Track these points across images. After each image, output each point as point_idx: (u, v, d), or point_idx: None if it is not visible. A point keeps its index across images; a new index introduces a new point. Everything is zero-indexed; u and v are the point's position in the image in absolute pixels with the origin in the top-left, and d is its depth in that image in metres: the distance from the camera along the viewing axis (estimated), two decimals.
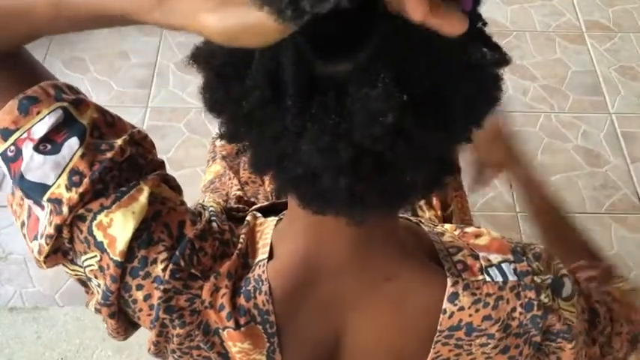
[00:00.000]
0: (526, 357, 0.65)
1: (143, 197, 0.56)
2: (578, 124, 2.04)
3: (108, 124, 0.57)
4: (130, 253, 0.56)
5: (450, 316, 0.60)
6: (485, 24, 0.48)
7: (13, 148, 0.54)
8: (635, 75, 2.19)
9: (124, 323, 0.63)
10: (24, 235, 0.59)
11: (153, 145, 0.61)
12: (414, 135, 0.44)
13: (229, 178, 1.12)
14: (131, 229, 0.56)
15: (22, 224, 0.59)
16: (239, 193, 1.08)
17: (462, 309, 0.60)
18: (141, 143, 0.59)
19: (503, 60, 0.47)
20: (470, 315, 0.60)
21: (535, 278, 0.61)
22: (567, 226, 0.94)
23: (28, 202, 0.57)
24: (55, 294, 1.60)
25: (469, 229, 0.67)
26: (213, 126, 1.90)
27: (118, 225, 0.56)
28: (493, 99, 0.49)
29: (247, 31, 0.39)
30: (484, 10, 0.46)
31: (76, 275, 0.61)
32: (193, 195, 0.64)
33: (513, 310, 0.61)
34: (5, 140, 0.54)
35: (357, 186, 0.47)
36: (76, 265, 0.59)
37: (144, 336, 0.62)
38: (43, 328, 1.53)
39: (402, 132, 0.43)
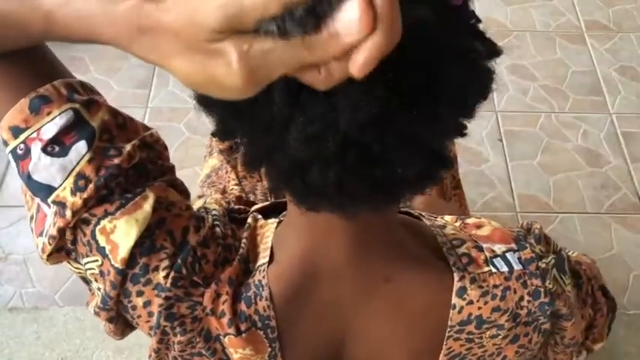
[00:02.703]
0: (536, 344, 0.65)
1: (147, 205, 0.56)
2: (579, 124, 2.04)
3: (119, 126, 0.57)
4: (131, 260, 0.56)
5: (460, 311, 0.60)
6: (479, 20, 0.48)
7: (22, 146, 0.54)
8: (635, 75, 2.18)
9: (122, 326, 0.63)
10: (31, 229, 0.59)
11: (165, 148, 0.61)
12: (401, 126, 0.44)
13: (226, 172, 1.12)
14: (134, 237, 0.55)
15: (32, 218, 0.59)
16: (237, 189, 1.07)
17: (470, 303, 0.60)
18: (152, 146, 0.58)
19: (494, 51, 0.47)
20: (479, 308, 0.60)
21: (540, 264, 0.61)
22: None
23: (36, 199, 0.57)
24: (54, 294, 1.60)
25: (470, 220, 0.67)
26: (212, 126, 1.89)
27: (121, 232, 0.55)
28: (483, 90, 0.49)
29: (211, 84, 0.35)
30: (484, 10, 0.47)
31: (79, 273, 0.61)
32: (193, 195, 0.64)
33: (521, 299, 0.61)
34: (15, 138, 0.54)
35: (346, 179, 0.46)
36: (79, 263, 0.59)
37: (144, 337, 0.62)
38: (43, 328, 1.52)
39: (388, 122, 0.42)
